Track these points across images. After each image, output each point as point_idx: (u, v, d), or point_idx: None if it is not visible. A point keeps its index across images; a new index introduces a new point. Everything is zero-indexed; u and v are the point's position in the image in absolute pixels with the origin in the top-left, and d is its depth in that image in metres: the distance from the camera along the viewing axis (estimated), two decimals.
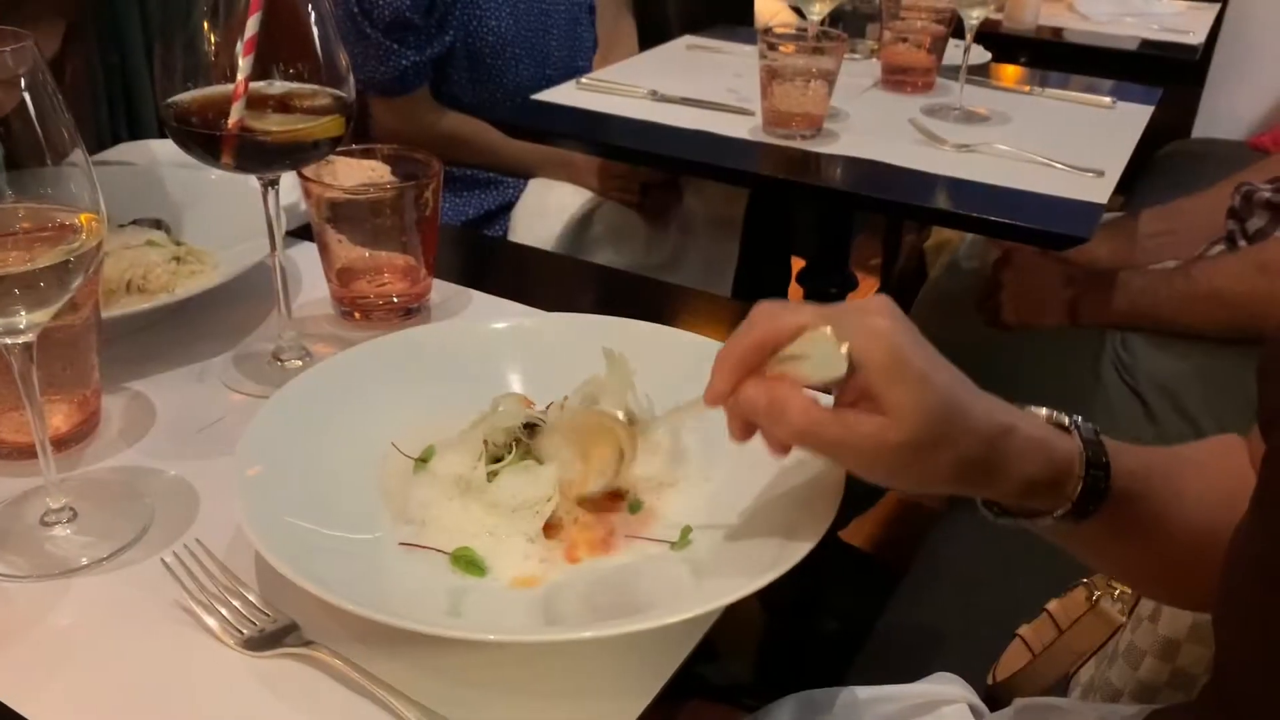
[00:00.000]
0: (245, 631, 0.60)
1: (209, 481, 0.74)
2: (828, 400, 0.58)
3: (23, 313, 0.61)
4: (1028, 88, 1.79)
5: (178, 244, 0.97)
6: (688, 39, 1.99)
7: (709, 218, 1.87)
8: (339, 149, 0.84)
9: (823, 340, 0.55)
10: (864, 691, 0.86)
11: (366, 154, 0.96)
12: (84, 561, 0.66)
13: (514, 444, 0.68)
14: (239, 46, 0.74)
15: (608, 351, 0.70)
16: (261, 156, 0.78)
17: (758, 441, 0.59)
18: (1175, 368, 1.39)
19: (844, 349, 0.54)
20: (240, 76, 0.74)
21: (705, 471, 0.71)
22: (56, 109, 0.59)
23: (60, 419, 0.76)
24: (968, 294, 1.65)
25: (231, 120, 0.75)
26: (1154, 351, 1.41)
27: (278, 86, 0.78)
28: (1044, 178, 1.36)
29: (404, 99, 1.80)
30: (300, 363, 0.88)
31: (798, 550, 0.59)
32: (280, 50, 0.77)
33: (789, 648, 1.35)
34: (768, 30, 1.46)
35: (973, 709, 0.87)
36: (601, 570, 0.64)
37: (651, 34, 2.24)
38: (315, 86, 0.79)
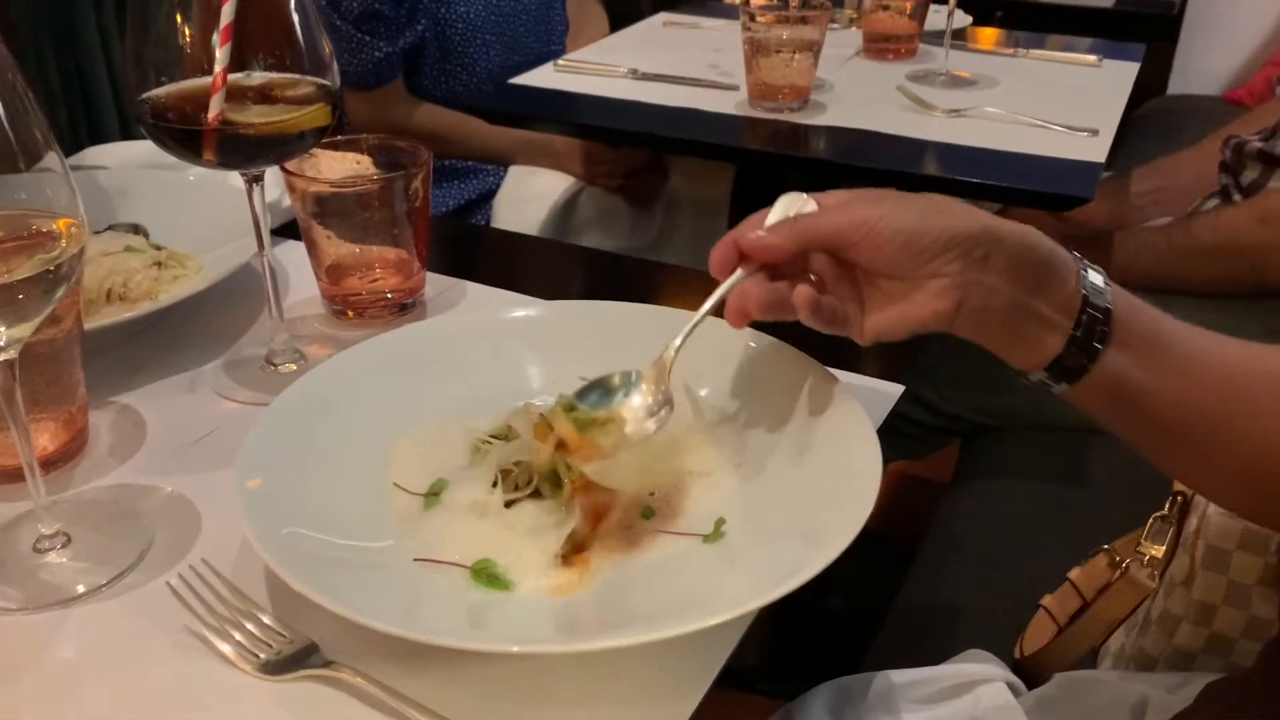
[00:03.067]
0: (262, 655, 0.56)
1: (209, 496, 0.70)
2: None
3: (2, 328, 0.57)
4: (1010, 50, 1.76)
5: (157, 248, 0.93)
6: (664, 16, 1.96)
7: (695, 197, 1.84)
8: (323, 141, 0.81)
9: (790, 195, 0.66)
10: (898, 676, 0.84)
11: (350, 146, 0.92)
12: (82, 589, 0.62)
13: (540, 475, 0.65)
14: (215, 36, 0.70)
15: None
16: (245, 151, 0.74)
17: (787, 428, 0.58)
18: None
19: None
20: (218, 68, 0.70)
21: (735, 458, 0.68)
22: (29, 109, 0.55)
23: (47, 439, 0.72)
24: None
25: (211, 114, 0.71)
26: None
27: (256, 77, 0.74)
28: (1039, 139, 1.33)
29: (378, 91, 1.76)
30: (294, 366, 0.84)
31: (843, 534, 0.56)
32: (258, 38, 0.73)
33: (803, 631, 1.32)
34: (748, 2, 1.43)
35: (1010, 686, 0.84)
36: (631, 570, 0.61)
37: (622, 15, 2.20)
38: (297, 76, 0.75)
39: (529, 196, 1.81)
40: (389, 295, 0.92)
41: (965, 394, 1.45)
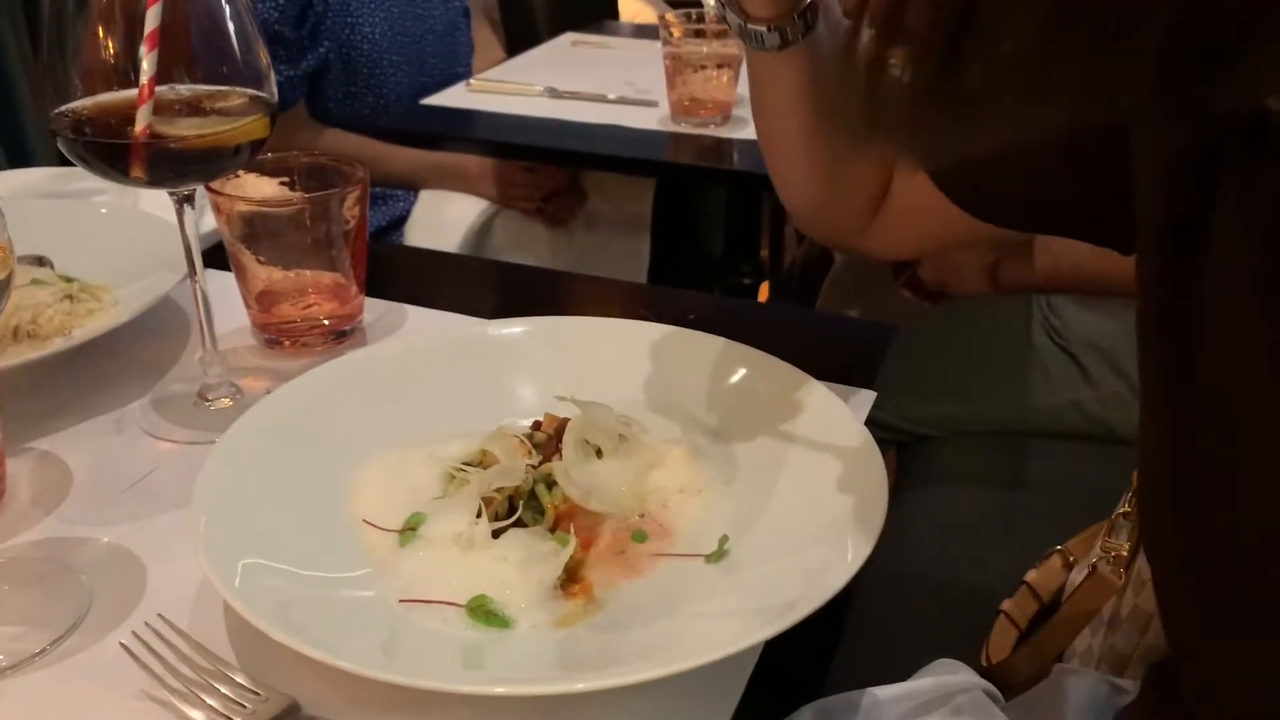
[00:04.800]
0: (237, 718, 0.51)
1: (152, 545, 0.63)
2: None
3: None
4: None
5: (67, 280, 0.85)
6: (571, 35, 1.93)
7: (616, 216, 1.81)
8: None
9: None
10: (880, 692, 0.81)
11: (278, 164, 0.86)
12: (18, 658, 0.55)
13: (522, 502, 0.60)
14: (140, 45, 0.65)
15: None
16: (176, 166, 0.68)
17: (776, 438, 0.54)
18: (1105, 325, 1.39)
19: None
20: (144, 78, 0.65)
21: (724, 473, 0.65)
22: None
23: None
24: (881, 269, 1.63)
25: (139, 127, 0.65)
26: (1082, 311, 1.41)
27: (184, 90, 0.68)
28: None
29: (280, 117, 1.68)
30: (229, 401, 0.78)
31: (861, 540, 0.53)
32: (186, 48, 0.67)
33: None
34: (667, 21, 1.42)
35: (987, 694, 0.83)
36: (635, 597, 0.57)
37: (520, 38, 2.17)
38: (228, 87, 0.69)
39: (442, 221, 1.76)
40: (326, 322, 0.87)
41: (899, 402, 1.45)
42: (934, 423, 1.42)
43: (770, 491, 0.62)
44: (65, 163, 1.19)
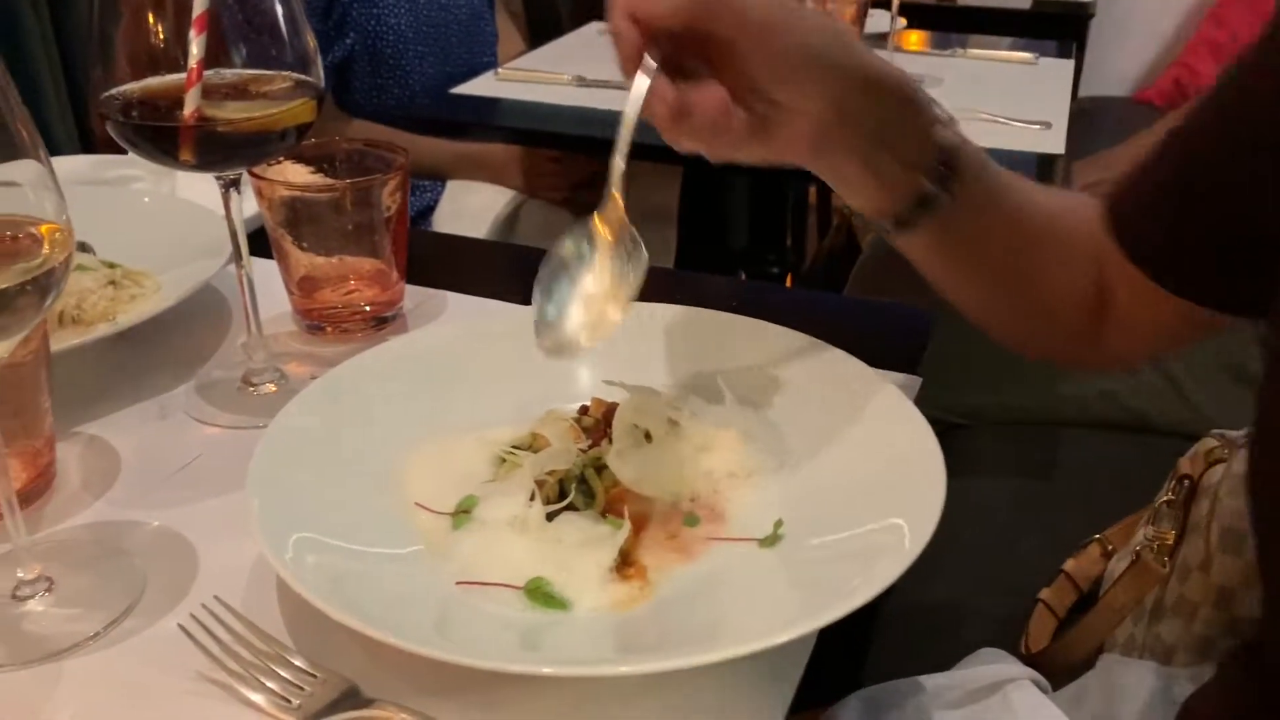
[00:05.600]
0: (295, 701, 0.51)
1: (202, 528, 0.63)
2: None
3: None
4: (948, 50, 1.78)
5: (110, 266, 0.85)
6: (598, 24, 1.92)
7: (642, 207, 1.80)
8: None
9: None
10: (926, 681, 0.81)
11: (319, 150, 0.86)
12: (75, 640, 0.55)
13: (573, 486, 0.60)
14: (189, 28, 0.64)
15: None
16: (224, 149, 0.68)
17: (826, 419, 0.55)
18: None
19: None
20: (193, 61, 0.65)
21: (775, 456, 0.65)
22: (12, 101, 0.49)
23: (11, 475, 0.65)
24: (903, 258, 1.62)
25: (188, 110, 0.65)
26: None
27: (229, 74, 0.68)
28: (993, 133, 1.34)
29: None
30: (274, 387, 0.78)
31: (923, 522, 0.53)
32: (234, 31, 0.67)
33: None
34: None
35: (1034, 683, 0.82)
36: (690, 581, 0.57)
37: (543, 27, 2.17)
38: (274, 71, 0.69)
39: (468, 212, 1.76)
40: (367, 308, 0.86)
41: (927, 391, 1.44)
42: (963, 412, 1.41)
43: (822, 475, 0.62)
44: (90, 153, 1.19)
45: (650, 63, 0.57)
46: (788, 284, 1.95)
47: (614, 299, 0.57)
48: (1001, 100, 1.44)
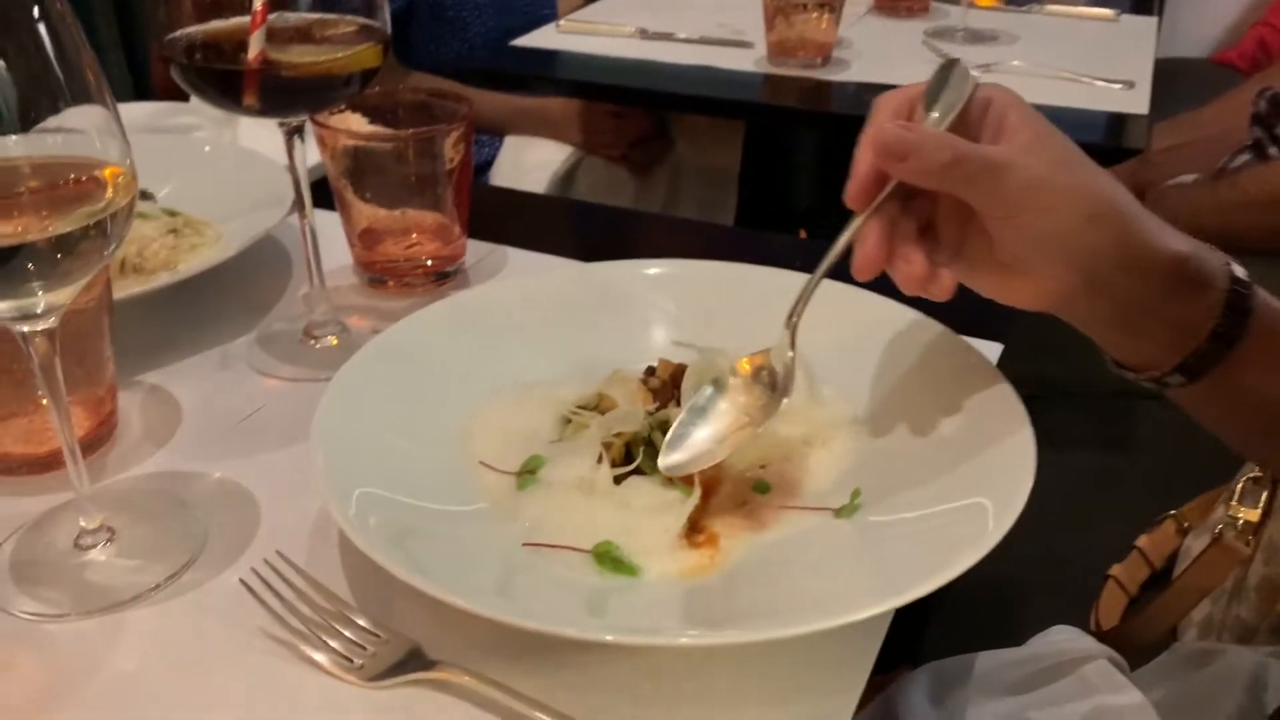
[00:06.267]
0: (359, 660, 0.49)
1: (263, 481, 0.63)
2: None
3: (41, 292, 0.49)
4: (1024, 6, 1.71)
5: (171, 214, 0.84)
6: None
7: (702, 165, 1.77)
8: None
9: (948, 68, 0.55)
10: (996, 657, 0.78)
11: (384, 99, 0.84)
12: (137, 590, 0.54)
13: (640, 449, 0.58)
14: None
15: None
16: (287, 95, 0.66)
17: (907, 387, 0.53)
18: None
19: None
20: (258, 3, 0.63)
21: (852, 424, 0.62)
22: (78, 43, 0.47)
23: (74, 423, 0.64)
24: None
25: (252, 53, 0.63)
26: None
27: (293, 17, 0.66)
28: (1075, 93, 1.29)
29: None
30: (335, 340, 0.77)
31: (1011, 499, 0.50)
32: None
33: None
34: None
35: (1112, 663, 0.79)
36: (762, 551, 0.54)
37: None
38: (339, 15, 0.67)
39: (526, 167, 1.73)
40: (429, 262, 0.85)
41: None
42: (1034, 381, 1.37)
43: (901, 444, 0.59)
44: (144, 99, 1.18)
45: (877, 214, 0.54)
46: None
47: (725, 438, 0.56)
48: (1081, 58, 1.38)
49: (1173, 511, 0.96)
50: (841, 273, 0.73)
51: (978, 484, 0.53)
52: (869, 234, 0.56)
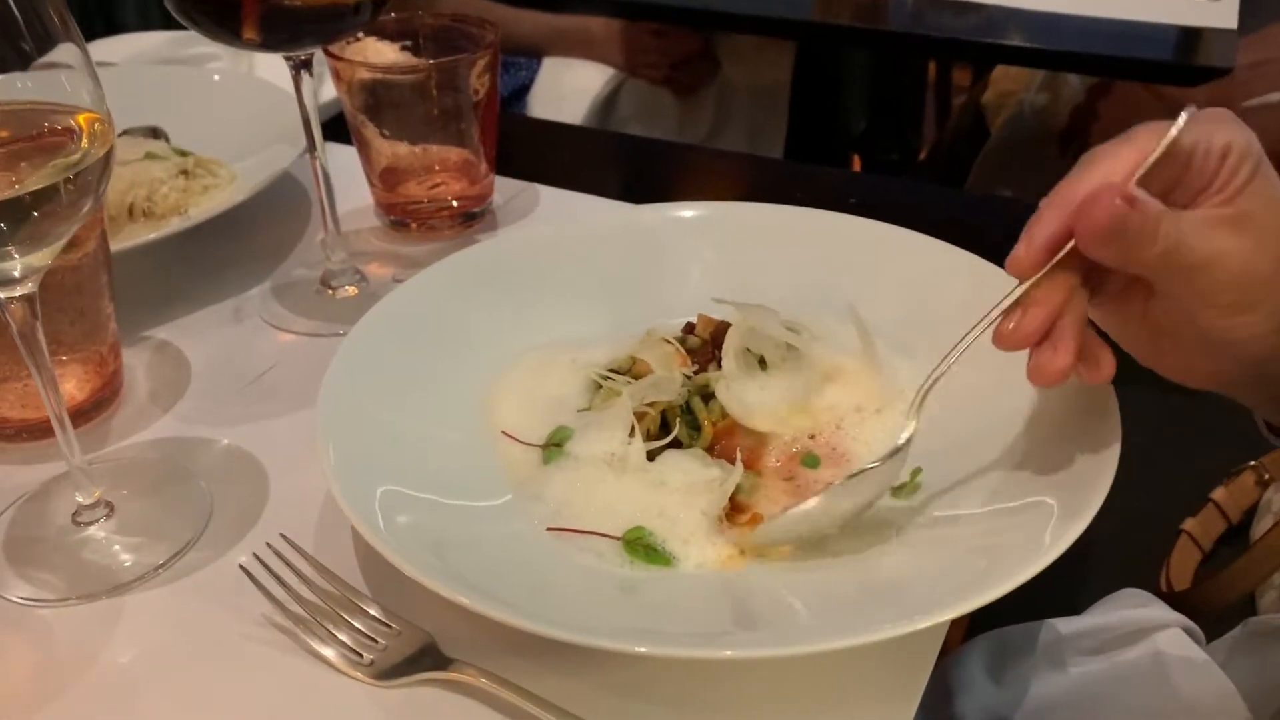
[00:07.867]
0: (368, 655, 0.45)
1: (274, 449, 0.59)
2: None
3: (15, 255, 0.45)
4: None
5: (182, 154, 0.80)
6: None
7: (750, 86, 1.68)
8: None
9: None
10: (1062, 625, 0.73)
11: (402, 26, 0.78)
12: (136, 573, 0.51)
13: (677, 420, 0.53)
14: None
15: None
16: (291, 26, 0.60)
17: (975, 354, 0.47)
18: None
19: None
20: None
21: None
22: None
23: (74, 385, 0.60)
24: (1041, 143, 1.49)
25: None
26: None
27: None
28: (1154, 6, 1.18)
29: None
30: (353, 289, 0.72)
31: (1095, 485, 0.45)
32: None
33: None
34: None
35: (1186, 631, 0.74)
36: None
37: None
38: None
39: (565, 91, 1.66)
40: (454, 203, 0.79)
41: None
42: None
43: (966, 414, 0.53)
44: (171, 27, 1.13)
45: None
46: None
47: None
48: None
49: (1252, 462, 0.90)
50: (908, 211, 0.66)
51: (1050, 476, 0.48)
52: (1038, 305, 0.47)
